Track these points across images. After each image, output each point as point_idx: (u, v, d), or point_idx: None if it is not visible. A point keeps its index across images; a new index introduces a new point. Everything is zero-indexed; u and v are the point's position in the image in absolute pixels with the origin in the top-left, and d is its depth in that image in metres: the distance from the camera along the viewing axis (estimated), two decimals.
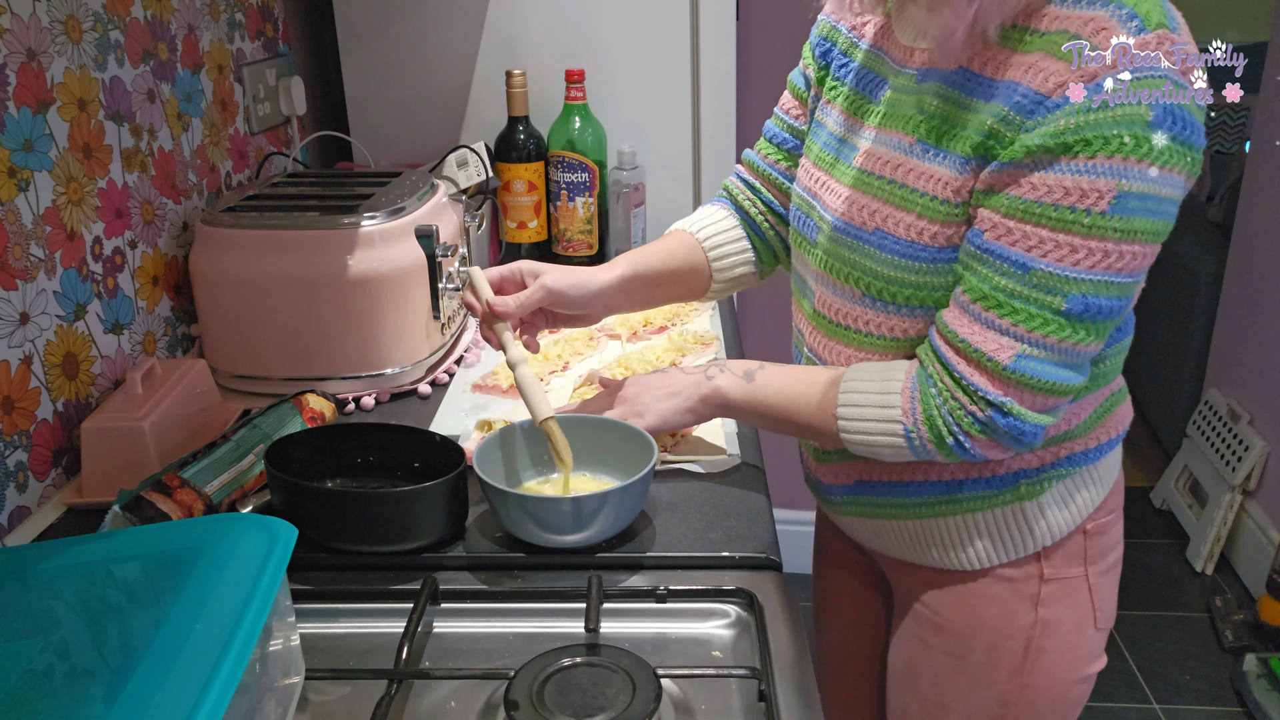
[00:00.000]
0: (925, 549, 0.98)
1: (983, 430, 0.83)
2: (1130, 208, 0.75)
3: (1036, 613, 0.96)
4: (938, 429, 0.84)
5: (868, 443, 0.88)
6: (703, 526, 0.96)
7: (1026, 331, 0.79)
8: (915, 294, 0.87)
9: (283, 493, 0.93)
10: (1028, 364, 0.80)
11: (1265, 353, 2.49)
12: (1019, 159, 0.77)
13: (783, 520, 1.06)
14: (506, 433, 1.01)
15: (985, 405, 0.82)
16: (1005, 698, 0.98)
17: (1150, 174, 0.74)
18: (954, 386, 0.83)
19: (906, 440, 0.86)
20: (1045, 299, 0.78)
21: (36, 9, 1.05)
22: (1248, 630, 2.28)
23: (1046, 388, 0.81)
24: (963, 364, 0.82)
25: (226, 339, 1.25)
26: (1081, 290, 0.77)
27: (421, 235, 1.23)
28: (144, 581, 0.72)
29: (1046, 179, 0.76)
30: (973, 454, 0.85)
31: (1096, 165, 0.74)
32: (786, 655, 0.80)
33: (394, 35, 1.76)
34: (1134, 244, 0.77)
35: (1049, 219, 0.76)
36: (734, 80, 1.76)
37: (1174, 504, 2.78)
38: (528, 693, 0.74)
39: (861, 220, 0.89)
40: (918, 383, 0.86)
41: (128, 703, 0.56)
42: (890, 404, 0.86)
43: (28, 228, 1.04)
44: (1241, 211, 2.65)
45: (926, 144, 0.85)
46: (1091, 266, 0.77)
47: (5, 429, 1.01)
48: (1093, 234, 0.76)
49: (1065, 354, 0.80)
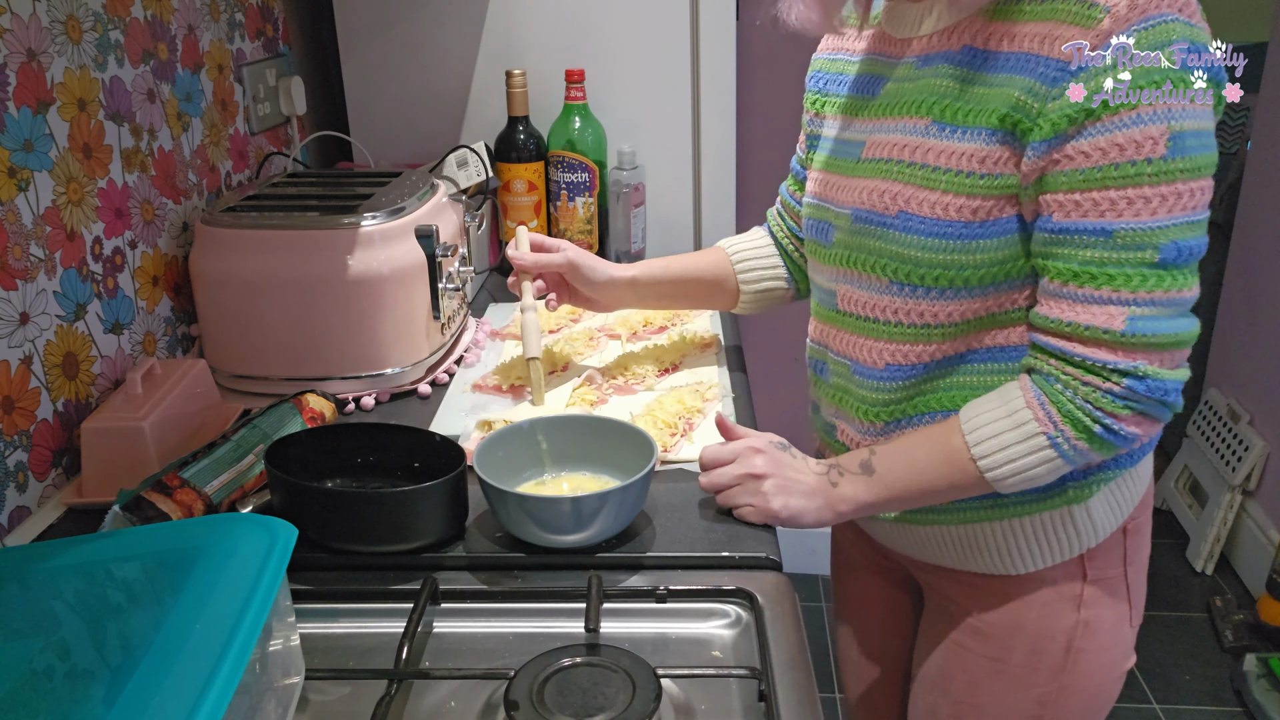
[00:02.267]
0: (971, 555, 0.97)
1: (1126, 405, 0.80)
2: (1187, 146, 0.76)
3: (1079, 614, 0.95)
4: (1082, 423, 0.82)
5: (1017, 470, 0.85)
6: (703, 526, 0.96)
7: (1130, 294, 0.78)
8: (944, 274, 0.86)
9: (283, 493, 0.93)
10: (1143, 324, 0.78)
11: (1265, 352, 2.49)
12: (1063, 131, 0.77)
13: None
14: (506, 432, 1.01)
15: (1120, 377, 0.80)
16: (1044, 699, 0.97)
17: (1192, 110, 0.76)
18: (1081, 373, 0.81)
19: (1055, 449, 0.83)
20: (1138, 256, 0.77)
21: (36, 9, 1.05)
22: (1247, 630, 2.28)
23: (1170, 341, 0.80)
24: (1078, 347, 0.80)
25: (226, 339, 1.25)
26: (1170, 238, 0.77)
27: (421, 235, 1.23)
28: (144, 581, 0.72)
29: (1097, 142, 0.76)
30: (1125, 435, 0.82)
31: (1140, 114, 0.75)
32: (786, 655, 0.80)
33: (394, 35, 1.76)
34: (1199, 179, 0.77)
35: (1113, 179, 0.76)
36: (734, 80, 1.76)
37: (1174, 504, 2.78)
38: (528, 693, 0.74)
39: (883, 206, 0.89)
40: (1040, 389, 0.83)
41: (128, 703, 0.56)
42: (1023, 420, 0.83)
43: (28, 228, 1.04)
44: (1241, 211, 2.65)
45: (943, 123, 0.85)
46: (1169, 212, 0.76)
47: (5, 429, 1.01)
48: (1161, 180, 0.76)
49: (1173, 304, 0.79)
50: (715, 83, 1.75)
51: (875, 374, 0.94)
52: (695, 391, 1.20)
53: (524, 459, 1.01)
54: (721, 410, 1.17)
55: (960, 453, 0.86)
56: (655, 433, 1.11)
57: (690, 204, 1.82)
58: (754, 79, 1.94)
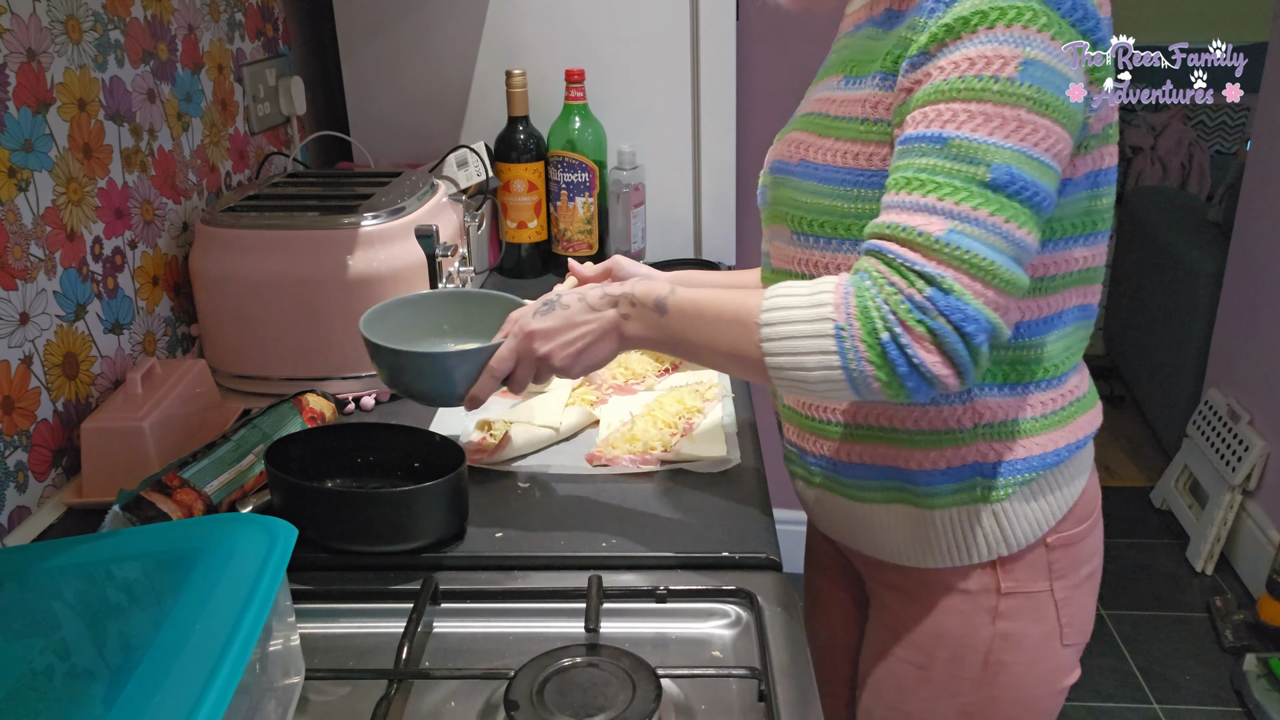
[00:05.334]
0: (886, 542, 0.96)
1: (921, 319, 0.74)
2: (1038, 77, 0.76)
3: (995, 626, 0.94)
4: (872, 323, 0.75)
5: (792, 349, 0.79)
6: (703, 526, 0.96)
7: (954, 205, 0.75)
8: (841, 223, 0.86)
9: (283, 493, 0.93)
10: (962, 238, 0.75)
11: (1265, 353, 2.49)
12: (926, 49, 0.79)
13: (782, 520, 1.05)
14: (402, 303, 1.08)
15: (924, 284, 0.75)
16: (969, 709, 0.97)
17: (1050, 46, 0.76)
18: (890, 271, 0.76)
19: (837, 342, 0.77)
20: (969, 170, 0.76)
21: (36, 9, 1.05)
22: (1247, 630, 2.28)
23: (987, 267, 0.75)
24: (894, 246, 0.77)
25: (226, 339, 1.25)
26: (1004, 160, 0.75)
27: (421, 235, 1.23)
28: (144, 581, 0.72)
29: (953, 57, 0.77)
30: (912, 358, 0.75)
31: (998, 34, 0.76)
32: (786, 655, 0.80)
33: (394, 35, 1.76)
34: (1045, 118, 0.76)
35: (959, 91, 0.77)
36: (734, 80, 1.76)
37: (1174, 504, 2.78)
38: (528, 693, 0.74)
39: (788, 154, 0.92)
40: (850, 280, 0.79)
41: (128, 703, 0.56)
42: (820, 303, 0.78)
43: (28, 228, 1.04)
44: (1241, 211, 2.65)
45: (851, 77, 0.88)
46: (1007, 136, 0.76)
47: (5, 429, 1.01)
48: (1004, 100, 0.76)
49: (1000, 234, 0.75)
50: (715, 83, 1.75)
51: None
52: (695, 391, 1.20)
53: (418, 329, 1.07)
54: (721, 410, 1.17)
55: (750, 317, 0.82)
56: (655, 432, 1.11)
57: (690, 204, 1.82)
58: (754, 79, 1.94)
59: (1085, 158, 0.84)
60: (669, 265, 1.77)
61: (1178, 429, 2.87)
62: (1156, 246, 3.12)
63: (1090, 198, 0.86)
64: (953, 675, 0.96)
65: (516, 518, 0.99)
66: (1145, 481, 2.95)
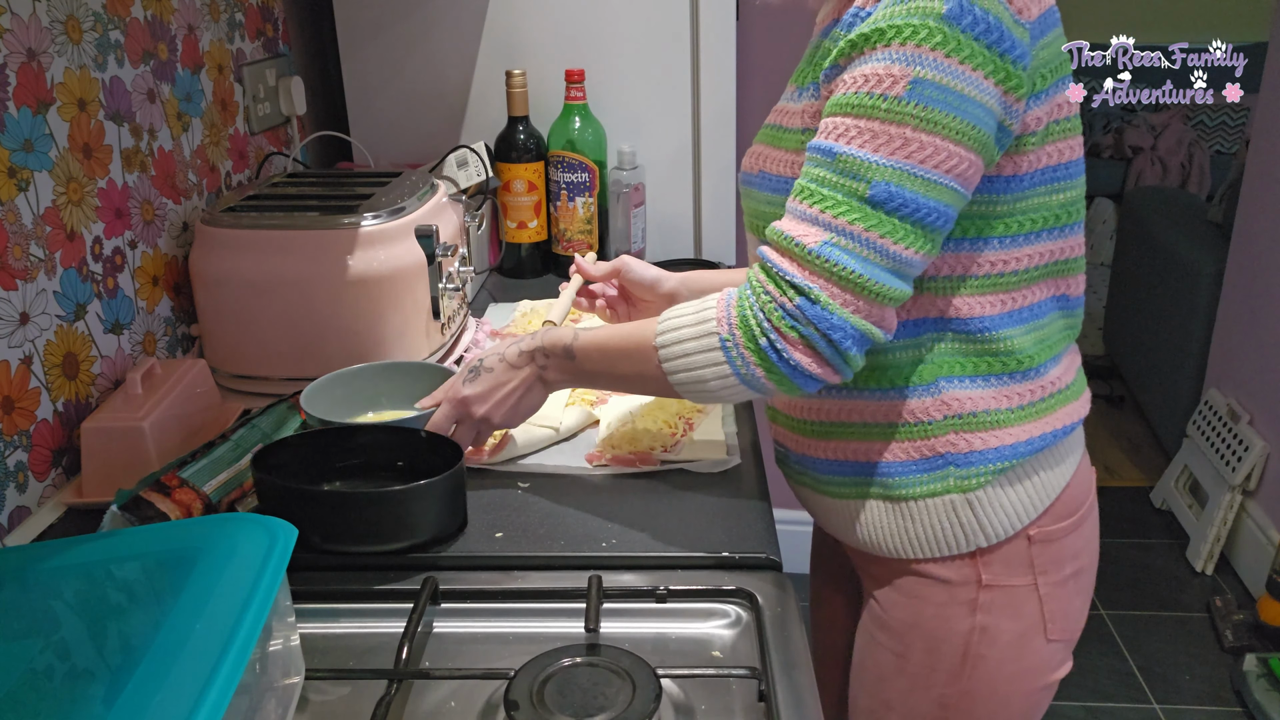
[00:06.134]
0: (868, 534, 0.96)
1: (792, 325, 0.80)
2: (927, 96, 0.76)
3: (974, 619, 0.94)
4: (751, 331, 0.81)
5: (688, 366, 0.85)
6: (703, 526, 0.96)
7: (833, 219, 0.79)
8: None
9: (279, 499, 0.91)
10: (834, 251, 0.78)
11: (1265, 352, 2.49)
12: (836, 61, 0.81)
13: (783, 520, 1.05)
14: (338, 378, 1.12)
15: (795, 294, 0.79)
16: (945, 701, 0.97)
17: (944, 64, 0.76)
18: (766, 280, 0.81)
19: (724, 353, 0.83)
20: (851, 185, 0.79)
21: (36, 9, 1.05)
22: (1247, 630, 2.28)
23: (855, 280, 0.78)
24: (774, 254, 0.82)
25: (226, 339, 1.25)
26: (884, 177, 0.77)
27: (421, 235, 1.23)
28: (144, 581, 0.72)
29: (854, 73, 0.80)
30: (790, 361, 0.80)
31: (891, 52, 0.77)
32: (786, 655, 0.80)
33: (394, 35, 1.76)
34: (935, 136, 0.77)
35: (851, 106, 0.79)
36: (734, 80, 1.76)
37: (1174, 504, 2.78)
38: (528, 693, 0.74)
39: (751, 166, 0.96)
40: (736, 291, 0.84)
41: (128, 703, 0.56)
42: (705, 319, 0.84)
43: (28, 228, 1.04)
44: (1241, 211, 2.65)
45: (798, 88, 0.91)
46: (891, 153, 0.78)
47: (5, 429, 1.01)
48: (890, 119, 0.77)
49: (874, 249, 0.78)
50: (715, 83, 1.75)
51: None
52: None
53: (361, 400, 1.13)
54: (722, 411, 1.17)
55: (647, 341, 0.88)
56: (655, 432, 1.11)
57: (690, 204, 1.82)
58: (754, 78, 1.94)
59: (1030, 154, 0.84)
60: (669, 265, 1.78)
61: (1178, 429, 2.87)
62: (1156, 246, 3.12)
63: (1049, 192, 0.87)
64: (929, 666, 0.97)
65: (516, 518, 0.99)
66: (1145, 481, 2.95)
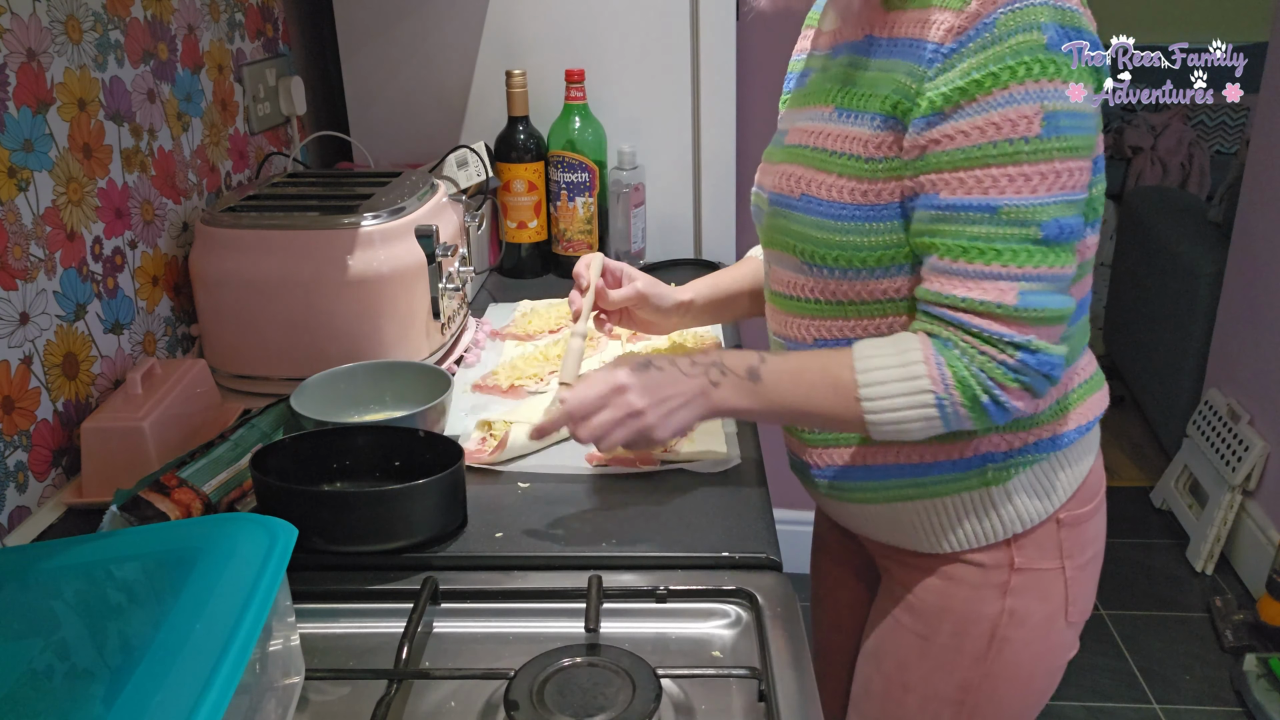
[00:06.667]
0: (900, 532, 0.98)
1: (1016, 378, 0.83)
2: (1062, 126, 0.78)
3: (1004, 601, 0.96)
4: (971, 390, 0.83)
5: (896, 419, 0.86)
6: (703, 526, 0.96)
7: (1018, 269, 0.81)
8: (843, 254, 0.89)
9: (278, 500, 0.91)
10: (1033, 299, 0.81)
11: (1265, 353, 2.49)
12: (939, 110, 0.81)
13: (783, 520, 1.06)
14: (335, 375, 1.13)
15: (1014, 350, 0.82)
16: (966, 683, 0.98)
17: (1064, 90, 0.78)
18: (978, 342, 0.83)
19: (939, 410, 0.85)
20: (1022, 232, 0.80)
21: (36, 9, 1.05)
22: (1248, 630, 2.28)
23: (1056, 316, 0.82)
24: (975, 319, 0.82)
25: (226, 339, 1.25)
26: (1051, 215, 0.80)
27: (421, 235, 1.23)
28: (144, 582, 0.72)
29: (975, 122, 0.79)
30: (1007, 408, 0.84)
31: (1012, 94, 0.78)
32: (786, 655, 0.80)
33: (394, 35, 1.76)
34: (1076, 159, 0.80)
35: (993, 157, 0.79)
36: (734, 80, 1.76)
37: (1174, 504, 2.78)
38: (528, 693, 0.74)
39: (789, 188, 0.93)
40: (938, 349, 0.85)
41: (127, 703, 0.56)
42: (916, 375, 0.85)
43: (28, 228, 1.04)
44: (1242, 211, 2.65)
45: (841, 108, 0.90)
46: (1049, 190, 0.79)
47: (5, 429, 1.01)
48: (1037, 158, 0.79)
49: (1058, 279, 0.82)
50: (715, 83, 1.75)
51: (805, 347, 0.97)
52: None
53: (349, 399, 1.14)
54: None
55: (848, 388, 0.87)
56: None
57: (690, 204, 1.82)
58: (754, 78, 1.94)
59: None
60: (669, 265, 1.78)
61: (1178, 429, 2.87)
62: (1156, 246, 3.12)
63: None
64: (955, 649, 0.98)
65: (516, 518, 0.99)
66: (1145, 482, 2.95)
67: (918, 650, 1.00)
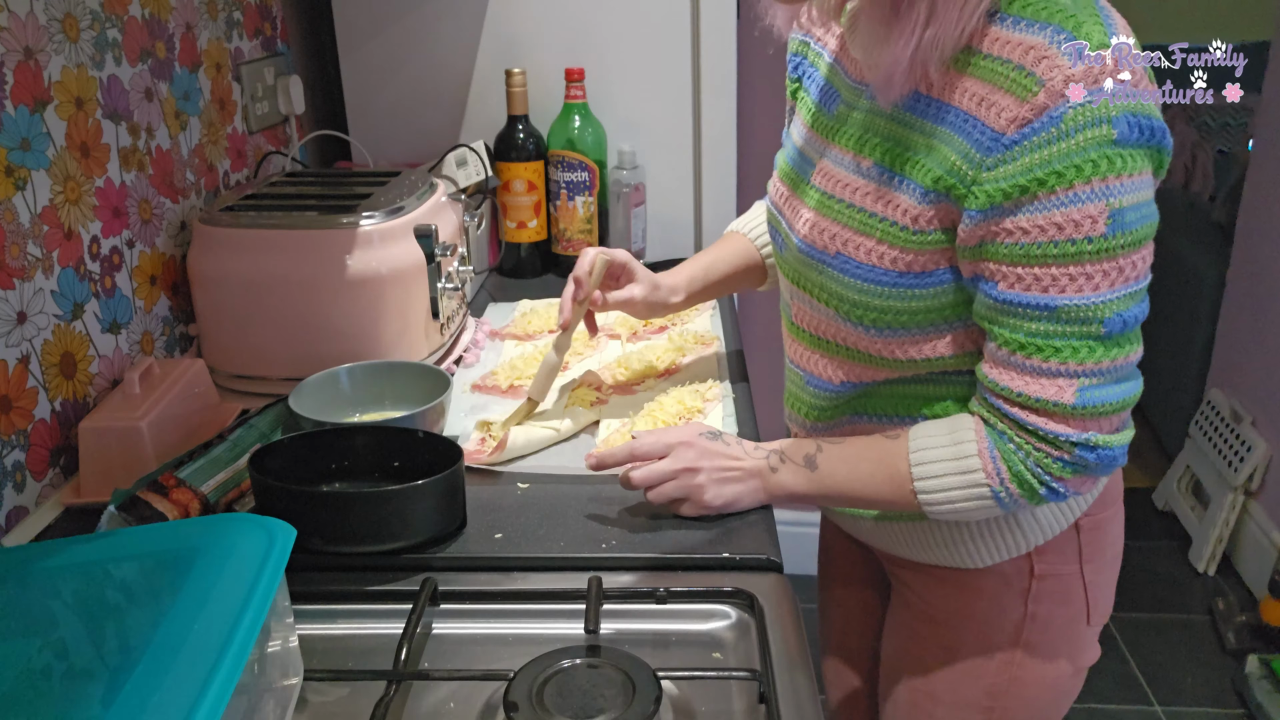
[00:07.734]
0: (924, 548, 0.98)
1: (1075, 471, 0.82)
2: (1127, 221, 0.75)
3: (1027, 607, 0.96)
4: (1029, 484, 0.83)
5: (953, 510, 0.87)
6: (703, 527, 0.96)
7: (1078, 365, 0.78)
8: (881, 316, 0.87)
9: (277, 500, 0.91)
10: (1093, 394, 0.79)
11: (1268, 354, 2.48)
12: (998, 203, 0.76)
13: (783, 521, 1.06)
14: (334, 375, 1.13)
15: (1071, 448, 0.81)
16: (994, 690, 0.99)
17: (1130, 183, 0.74)
18: (1034, 440, 0.82)
19: (996, 500, 0.85)
20: (1083, 330, 0.78)
21: (34, 7, 1.05)
22: (1250, 632, 2.28)
23: (1118, 408, 0.81)
24: (1032, 416, 0.81)
25: (225, 339, 1.25)
26: (1113, 310, 0.77)
27: (421, 235, 1.23)
28: (142, 582, 0.71)
29: (1036, 220, 0.75)
30: (1066, 495, 0.84)
31: (1077, 194, 0.74)
32: (787, 656, 0.80)
33: (394, 34, 1.75)
34: (1140, 250, 0.77)
35: (1054, 256, 0.76)
36: (734, 80, 1.76)
37: (1176, 505, 2.78)
38: (527, 694, 0.73)
39: (823, 244, 0.90)
40: (993, 443, 0.84)
41: (126, 703, 0.56)
42: (971, 468, 0.85)
43: (25, 227, 1.03)
44: (1244, 212, 2.65)
45: (884, 168, 0.85)
46: (1111, 285, 0.76)
47: (3, 429, 1.00)
48: (1101, 257, 0.75)
49: (1120, 371, 0.80)
50: (715, 82, 1.75)
51: (831, 386, 0.96)
52: (695, 392, 1.19)
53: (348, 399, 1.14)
54: (721, 410, 1.17)
55: (903, 479, 0.88)
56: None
57: (690, 204, 1.82)
58: (755, 78, 1.94)
59: None
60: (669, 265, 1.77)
61: (1180, 430, 2.87)
62: (1158, 247, 3.11)
63: None
64: (980, 656, 0.98)
65: (516, 518, 0.98)
66: (1147, 483, 2.95)
67: (943, 660, 1.00)
